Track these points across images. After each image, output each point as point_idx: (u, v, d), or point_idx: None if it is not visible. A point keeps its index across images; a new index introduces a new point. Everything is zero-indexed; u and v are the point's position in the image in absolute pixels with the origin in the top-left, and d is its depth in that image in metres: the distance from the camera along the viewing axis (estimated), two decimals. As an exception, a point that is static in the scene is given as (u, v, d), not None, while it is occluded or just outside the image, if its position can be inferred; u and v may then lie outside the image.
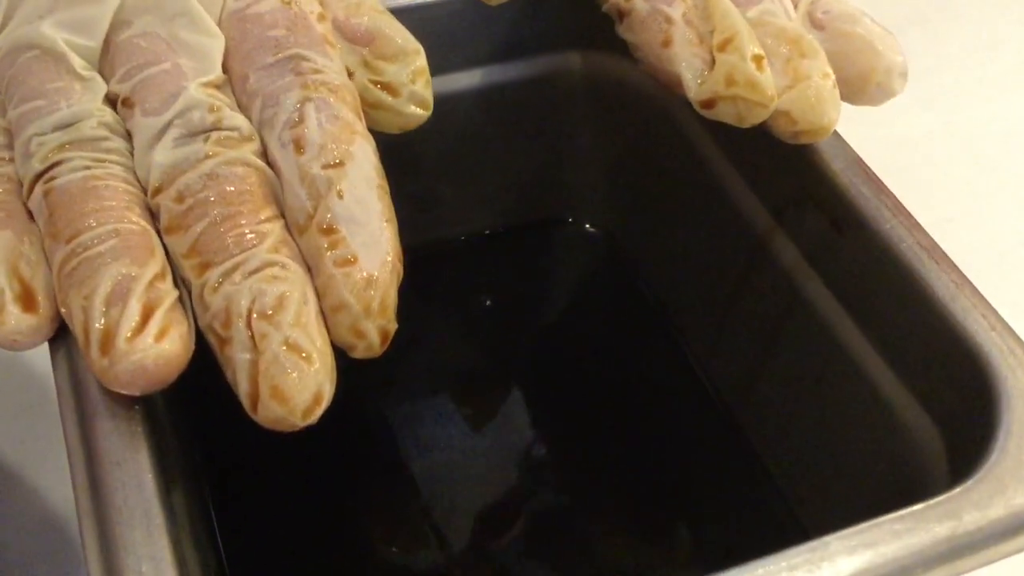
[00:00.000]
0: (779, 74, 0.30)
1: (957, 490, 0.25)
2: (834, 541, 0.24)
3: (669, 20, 0.31)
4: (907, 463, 0.30)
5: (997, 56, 0.62)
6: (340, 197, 0.25)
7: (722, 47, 0.30)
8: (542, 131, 0.42)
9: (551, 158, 0.43)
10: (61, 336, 0.26)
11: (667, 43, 0.31)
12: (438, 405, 0.42)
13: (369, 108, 0.29)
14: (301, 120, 0.26)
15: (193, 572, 0.25)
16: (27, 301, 0.25)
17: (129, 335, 0.24)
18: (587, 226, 0.45)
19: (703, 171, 0.38)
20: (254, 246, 0.25)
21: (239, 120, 0.27)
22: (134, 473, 0.23)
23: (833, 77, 0.30)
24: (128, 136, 0.27)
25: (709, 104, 0.30)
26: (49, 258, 0.25)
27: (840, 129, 0.32)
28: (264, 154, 0.27)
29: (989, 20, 0.65)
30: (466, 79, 0.39)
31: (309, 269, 0.25)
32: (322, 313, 0.25)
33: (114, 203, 0.25)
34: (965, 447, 0.27)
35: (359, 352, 0.25)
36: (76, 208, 0.25)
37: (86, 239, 0.25)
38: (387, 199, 0.26)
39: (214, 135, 0.26)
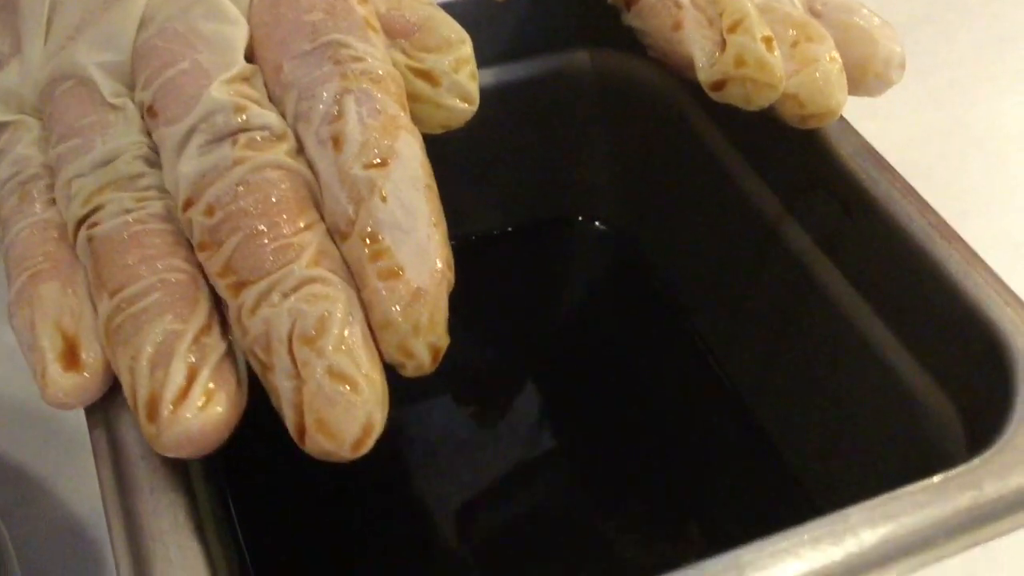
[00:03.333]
0: (786, 58, 0.30)
1: (976, 461, 0.25)
2: (855, 513, 0.24)
3: (678, 5, 0.31)
4: (926, 442, 0.30)
5: (1008, 52, 0.63)
6: (384, 201, 0.23)
7: (732, 29, 0.30)
8: (552, 129, 0.42)
9: (561, 156, 0.43)
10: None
11: (677, 26, 0.31)
12: (453, 403, 0.42)
13: (407, 100, 0.26)
14: (340, 115, 0.24)
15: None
16: (70, 359, 0.24)
17: (173, 403, 0.22)
18: (597, 223, 0.45)
19: (713, 164, 0.38)
20: (292, 261, 0.23)
21: (270, 118, 0.25)
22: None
23: (840, 61, 0.30)
24: None
25: (719, 85, 0.30)
26: (96, 307, 0.25)
27: (852, 125, 0.32)
28: (300, 152, 0.25)
29: (999, 17, 0.65)
30: (475, 79, 0.40)
31: (353, 278, 0.24)
32: (370, 329, 0.23)
33: (155, 250, 0.24)
34: (983, 423, 0.28)
35: (409, 371, 0.24)
36: (118, 259, 0.24)
37: (130, 293, 0.24)
38: (435, 200, 0.24)
39: (242, 137, 0.24)
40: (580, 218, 0.45)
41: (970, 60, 0.62)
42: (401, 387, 0.41)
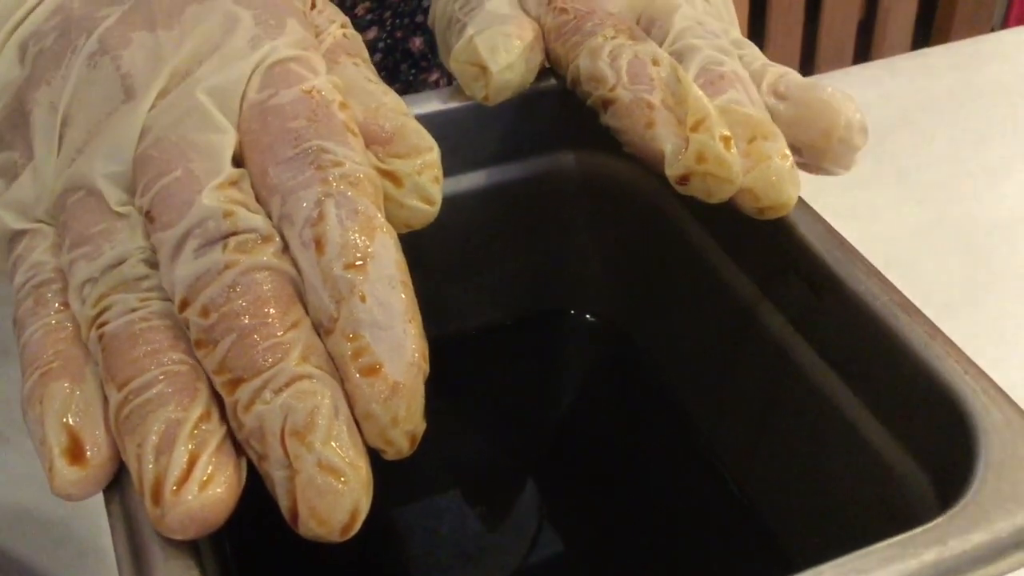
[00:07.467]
0: (743, 155, 0.32)
1: (941, 519, 0.26)
2: (828, 570, 0.25)
3: (650, 106, 0.34)
4: (900, 508, 0.32)
5: (982, 151, 0.65)
6: (363, 300, 0.26)
7: (694, 128, 0.32)
8: (541, 227, 0.45)
9: (550, 252, 0.45)
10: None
11: (650, 125, 0.33)
12: (450, 499, 0.43)
13: None
14: (321, 218, 0.26)
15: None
16: (75, 454, 0.26)
17: (175, 486, 0.24)
18: (587, 316, 0.47)
19: (692, 255, 0.40)
20: (282, 359, 0.25)
21: (256, 221, 0.27)
22: None
23: (791, 158, 0.33)
24: None
25: (683, 180, 0.33)
26: (108, 401, 0.26)
27: (836, 225, 0.34)
28: (285, 250, 0.27)
29: (971, 117, 0.68)
30: (467, 181, 0.42)
31: (337, 370, 0.26)
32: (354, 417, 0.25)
33: (158, 345, 0.26)
34: (951, 486, 0.29)
35: (389, 456, 0.26)
36: (125, 355, 0.26)
37: (135, 386, 0.26)
38: (410, 295, 0.26)
39: (232, 241, 0.26)
40: (572, 311, 0.47)
41: (947, 159, 0.65)
42: (397, 484, 0.42)
